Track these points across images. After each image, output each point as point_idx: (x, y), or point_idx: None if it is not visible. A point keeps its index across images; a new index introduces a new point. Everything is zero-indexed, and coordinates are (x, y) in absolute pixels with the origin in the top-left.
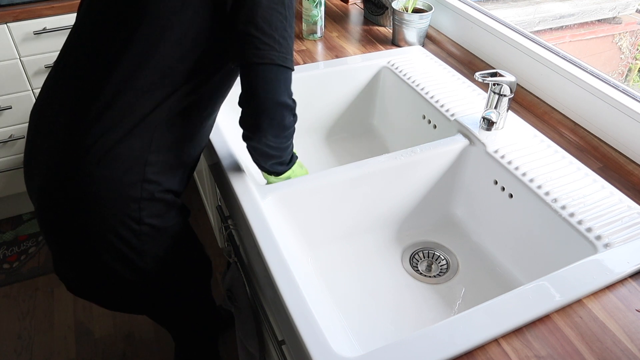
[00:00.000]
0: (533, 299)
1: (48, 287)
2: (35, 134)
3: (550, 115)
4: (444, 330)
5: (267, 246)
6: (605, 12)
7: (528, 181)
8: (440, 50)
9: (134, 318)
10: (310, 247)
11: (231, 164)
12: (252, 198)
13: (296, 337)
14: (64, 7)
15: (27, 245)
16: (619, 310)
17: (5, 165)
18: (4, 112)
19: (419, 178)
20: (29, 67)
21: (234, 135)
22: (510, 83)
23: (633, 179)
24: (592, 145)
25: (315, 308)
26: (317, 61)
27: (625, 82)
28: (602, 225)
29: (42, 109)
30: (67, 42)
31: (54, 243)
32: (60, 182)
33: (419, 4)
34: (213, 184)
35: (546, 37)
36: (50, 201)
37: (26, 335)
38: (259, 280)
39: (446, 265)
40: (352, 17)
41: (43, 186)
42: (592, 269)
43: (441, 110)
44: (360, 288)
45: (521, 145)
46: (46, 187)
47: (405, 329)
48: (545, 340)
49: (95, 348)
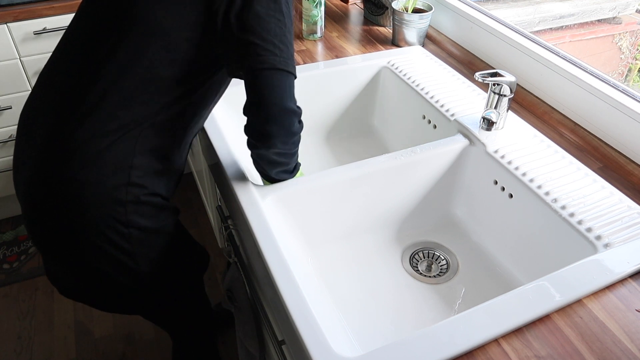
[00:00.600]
0: (533, 299)
1: (48, 287)
2: (21, 139)
3: (550, 115)
4: (444, 330)
5: (267, 246)
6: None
7: (528, 181)
8: (440, 50)
9: (134, 318)
10: (310, 247)
11: (231, 164)
12: (252, 198)
13: (296, 337)
14: (64, 7)
15: (27, 245)
16: (619, 310)
17: (5, 165)
18: (4, 112)
19: (419, 178)
20: (29, 67)
21: (234, 135)
22: (510, 83)
23: (633, 179)
24: (592, 145)
25: (315, 308)
26: (317, 61)
27: (625, 82)
28: (602, 225)
29: (29, 113)
30: (58, 46)
31: (43, 249)
32: (45, 186)
33: (419, 4)
34: (213, 184)
35: (546, 37)
36: (37, 206)
37: (26, 335)
38: (259, 280)
39: (446, 265)
40: (352, 17)
41: (28, 191)
42: (592, 269)
43: (441, 110)
44: (360, 288)
45: (521, 145)
46: (31, 192)
47: (405, 329)
48: (545, 340)
49: (95, 348)
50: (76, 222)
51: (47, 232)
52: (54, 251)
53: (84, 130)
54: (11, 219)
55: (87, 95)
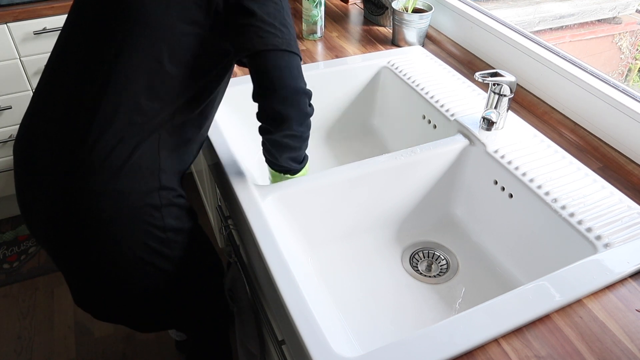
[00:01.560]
0: (533, 299)
1: (48, 287)
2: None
3: (550, 115)
4: (444, 330)
5: (267, 246)
6: (605, 12)
7: (528, 181)
8: (440, 50)
9: None
10: (311, 247)
11: (231, 164)
12: (252, 198)
13: (296, 337)
14: (64, 7)
15: (27, 245)
16: (619, 310)
17: (5, 165)
18: (4, 112)
19: (419, 178)
20: (28, 67)
21: (234, 135)
22: (510, 83)
23: (633, 179)
24: (592, 145)
25: (315, 308)
26: (317, 61)
27: (625, 82)
28: (602, 225)
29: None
30: (54, 53)
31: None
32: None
33: (419, 4)
34: (213, 184)
35: (546, 37)
36: (62, 234)
37: (26, 335)
38: (259, 280)
39: (446, 265)
40: (352, 17)
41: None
42: (592, 269)
43: (441, 110)
44: (360, 288)
45: (521, 145)
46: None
47: (405, 329)
48: (545, 340)
49: (95, 348)
50: (114, 238)
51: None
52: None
53: (104, 141)
54: (11, 219)
55: (98, 110)
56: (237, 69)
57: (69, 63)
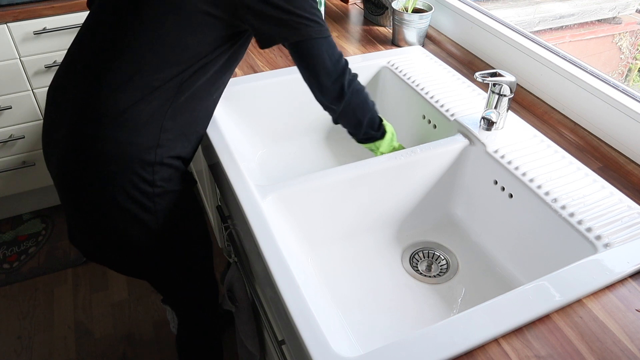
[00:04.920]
0: (533, 299)
1: (48, 287)
2: (52, 108)
3: (550, 115)
4: (444, 330)
5: (267, 246)
6: (605, 12)
7: (528, 181)
8: (440, 50)
9: (134, 318)
10: (311, 247)
11: (231, 164)
12: (252, 198)
13: (296, 337)
14: (64, 7)
15: (27, 245)
16: (619, 310)
17: (5, 165)
18: (3, 112)
19: (419, 178)
20: (28, 67)
21: (234, 135)
22: (510, 83)
23: (633, 179)
24: (592, 145)
25: (315, 308)
26: None
27: (625, 82)
28: (602, 225)
29: (59, 83)
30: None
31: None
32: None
33: (419, 4)
34: (213, 184)
35: (546, 37)
36: (68, 167)
37: (26, 335)
38: (259, 280)
39: (446, 265)
40: (352, 17)
41: (62, 154)
42: (592, 269)
43: (441, 110)
44: (360, 288)
45: (521, 145)
46: (65, 154)
47: (405, 329)
48: (545, 340)
49: (95, 348)
50: (100, 177)
51: (75, 187)
52: (79, 207)
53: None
54: (11, 219)
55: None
56: (238, 69)
57: (95, 36)
